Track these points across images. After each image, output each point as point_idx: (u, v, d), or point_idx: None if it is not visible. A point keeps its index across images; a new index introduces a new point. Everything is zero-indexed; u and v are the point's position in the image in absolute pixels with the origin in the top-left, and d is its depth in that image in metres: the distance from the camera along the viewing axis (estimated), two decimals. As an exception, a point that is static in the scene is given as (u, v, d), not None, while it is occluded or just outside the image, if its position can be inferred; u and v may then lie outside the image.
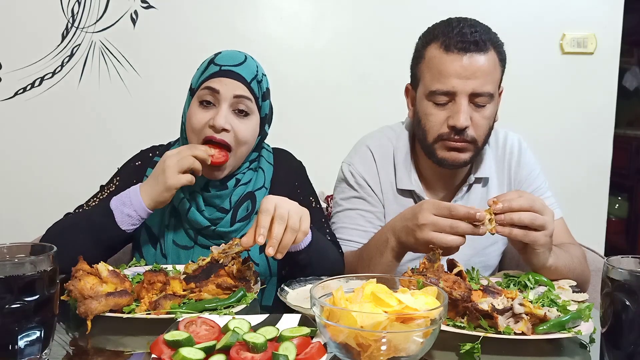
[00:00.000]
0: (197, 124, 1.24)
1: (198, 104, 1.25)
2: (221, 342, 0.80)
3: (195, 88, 1.27)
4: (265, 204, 1.03)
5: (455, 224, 1.09)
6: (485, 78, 1.27)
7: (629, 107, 3.65)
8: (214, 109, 1.23)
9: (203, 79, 1.25)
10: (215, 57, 1.28)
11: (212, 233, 1.28)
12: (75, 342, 0.93)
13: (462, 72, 1.26)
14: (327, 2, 2.50)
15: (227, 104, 1.23)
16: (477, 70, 1.26)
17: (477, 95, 1.27)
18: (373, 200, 1.43)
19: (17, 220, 2.49)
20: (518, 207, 1.09)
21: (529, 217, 1.09)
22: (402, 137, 1.46)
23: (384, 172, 1.44)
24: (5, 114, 2.48)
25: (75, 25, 2.46)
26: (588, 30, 2.50)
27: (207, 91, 1.23)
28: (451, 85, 1.26)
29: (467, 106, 1.27)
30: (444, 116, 1.30)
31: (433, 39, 1.31)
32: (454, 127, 1.28)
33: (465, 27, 1.27)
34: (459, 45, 1.26)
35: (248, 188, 1.32)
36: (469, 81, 1.26)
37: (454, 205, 1.11)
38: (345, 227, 1.43)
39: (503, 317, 0.91)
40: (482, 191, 1.44)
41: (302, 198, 1.37)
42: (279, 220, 1.02)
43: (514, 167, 1.45)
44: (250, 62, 1.28)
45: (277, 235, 1.01)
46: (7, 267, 0.76)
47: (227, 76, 1.24)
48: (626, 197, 3.66)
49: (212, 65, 1.26)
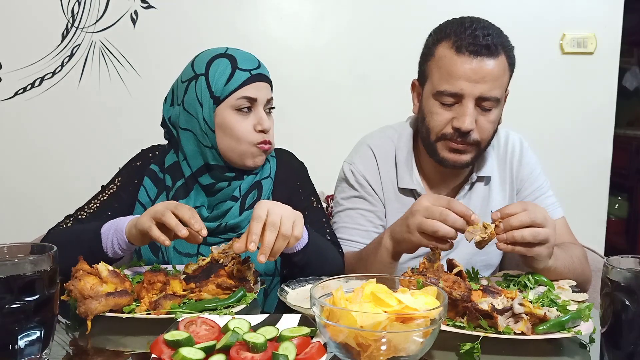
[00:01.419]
0: (243, 131, 1.25)
1: (234, 112, 1.25)
2: (221, 342, 0.80)
3: (222, 96, 1.25)
4: (258, 211, 1.03)
5: (445, 212, 1.08)
6: (494, 83, 1.26)
7: (629, 107, 3.65)
8: (251, 114, 1.26)
9: (234, 87, 1.24)
10: (235, 62, 1.26)
11: (222, 229, 1.28)
12: (75, 342, 0.93)
13: (472, 75, 1.24)
14: (327, 2, 2.50)
15: (262, 107, 1.27)
16: (486, 74, 1.25)
17: (484, 99, 1.26)
18: (374, 200, 1.43)
19: (17, 220, 2.49)
20: (519, 224, 1.07)
21: (530, 233, 1.07)
22: (404, 135, 1.46)
23: (385, 171, 1.44)
24: (5, 114, 2.49)
25: (75, 25, 2.46)
26: (588, 30, 2.50)
27: (244, 100, 1.25)
28: (459, 87, 1.25)
29: (473, 109, 1.26)
30: (449, 117, 1.29)
31: (445, 37, 1.29)
32: (458, 129, 1.27)
33: (478, 30, 1.25)
34: (470, 48, 1.24)
35: (256, 177, 1.34)
36: (477, 85, 1.25)
37: (453, 200, 1.10)
38: (346, 227, 1.43)
39: (503, 317, 0.91)
40: (484, 190, 1.44)
41: (303, 198, 1.37)
42: (271, 227, 1.02)
43: (516, 166, 1.45)
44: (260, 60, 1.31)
45: (269, 242, 1.01)
46: (7, 267, 0.76)
47: (258, 80, 1.27)
48: (626, 197, 3.66)
49: (239, 71, 1.25)
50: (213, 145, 1.27)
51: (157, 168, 1.34)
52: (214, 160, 1.28)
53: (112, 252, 1.13)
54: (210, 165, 1.29)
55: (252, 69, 1.26)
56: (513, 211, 1.08)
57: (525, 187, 1.45)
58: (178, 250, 1.29)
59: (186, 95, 1.28)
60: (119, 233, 1.12)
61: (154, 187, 1.32)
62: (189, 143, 1.29)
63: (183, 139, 1.30)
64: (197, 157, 1.29)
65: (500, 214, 1.09)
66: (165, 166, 1.33)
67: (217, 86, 1.25)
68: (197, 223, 1.07)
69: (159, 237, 1.06)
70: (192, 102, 1.27)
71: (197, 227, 1.06)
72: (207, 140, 1.27)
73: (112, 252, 1.13)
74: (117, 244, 1.13)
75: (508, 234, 1.07)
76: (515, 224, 1.07)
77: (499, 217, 1.09)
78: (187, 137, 1.29)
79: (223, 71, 1.25)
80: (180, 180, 1.31)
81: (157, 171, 1.33)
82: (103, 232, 1.13)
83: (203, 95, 1.26)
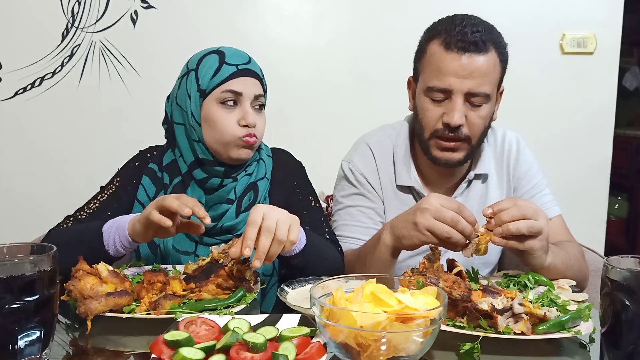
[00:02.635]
0: (227, 124, 1.24)
1: (219, 106, 1.25)
2: (221, 342, 0.80)
3: (208, 90, 1.25)
4: (253, 215, 1.03)
5: (457, 218, 1.08)
6: (483, 79, 1.27)
7: (629, 107, 3.65)
8: (237, 108, 1.26)
9: (219, 80, 1.25)
10: (224, 57, 1.27)
11: (219, 230, 1.28)
12: (75, 342, 0.93)
13: (460, 72, 1.26)
14: (327, 2, 2.50)
15: (249, 102, 1.26)
16: (474, 70, 1.26)
17: (473, 95, 1.28)
18: (373, 197, 1.44)
19: (17, 220, 2.49)
20: (509, 219, 1.08)
21: (525, 224, 1.08)
22: (401, 133, 1.47)
23: (383, 168, 1.44)
24: (5, 114, 2.48)
25: (75, 25, 2.46)
26: (588, 30, 2.50)
27: (228, 93, 1.24)
28: (448, 83, 1.27)
29: (462, 105, 1.28)
30: (439, 112, 1.31)
31: (435, 34, 1.32)
32: (448, 124, 1.29)
33: (468, 27, 1.27)
34: (458, 45, 1.26)
35: (251, 178, 1.33)
36: (465, 81, 1.26)
37: (463, 205, 1.11)
38: (346, 224, 1.43)
39: (503, 317, 0.91)
40: (481, 187, 1.45)
41: (301, 197, 1.38)
42: (266, 232, 1.01)
43: (512, 164, 1.46)
44: (252, 58, 1.31)
45: (264, 247, 1.01)
46: (7, 267, 0.76)
47: (245, 75, 1.26)
48: (626, 197, 3.66)
49: (226, 65, 1.25)
50: (200, 138, 1.27)
51: (155, 167, 1.34)
52: (202, 154, 1.28)
53: (113, 250, 1.13)
54: (200, 160, 1.29)
55: (239, 64, 1.26)
56: (504, 206, 1.10)
57: (521, 185, 1.45)
58: (176, 248, 1.29)
59: (179, 90, 1.30)
60: (120, 230, 1.12)
61: (152, 185, 1.32)
62: (182, 137, 1.31)
63: (177, 133, 1.31)
64: (189, 152, 1.30)
65: (492, 210, 1.11)
66: (163, 165, 1.33)
67: (204, 80, 1.26)
68: (201, 210, 1.06)
69: (160, 220, 1.04)
70: (183, 97, 1.29)
71: (202, 214, 1.06)
72: (195, 134, 1.28)
73: (114, 250, 1.13)
74: (119, 242, 1.12)
75: (503, 227, 1.09)
76: (505, 218, 1.09)
77: (490, 212, 1.11)
78: (180, 131, 1.31)
79: (211, 65, 1.26)
80: (177, 178, 1.31)
81: (156, 170, 1.34)
82: (105, 230, 1.14)
83: (191, 89, 1.27)
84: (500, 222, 1.09)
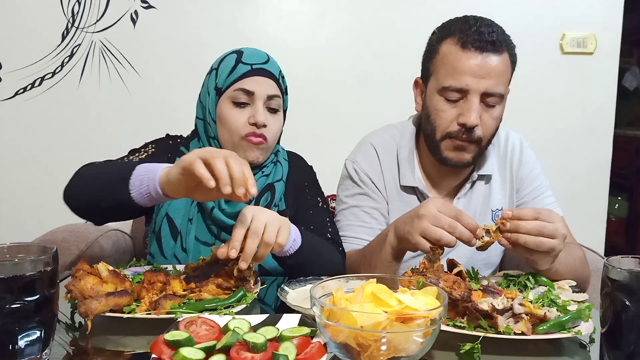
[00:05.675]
0: (236, 123, 1.26)
1: (232, 105, 1.27)
2: (221, 342, 0.80)
3: (224, 88, 1.27)
4: (242, 217, 1.03)
5: (454, 224, 1.08)
6: (498, 79, 1.27)
7: (629, 107, 3.64)
8: (249, 108, 1.27)
9: (233, 79, 1.26)
10: (241, 56, 1.28)
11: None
12: (75, 342, 0.93)
13: (477, 71, 1.26)
14: (327, 2, 2.50)
15: (262, 102, 1.27)
16: (491, 70, 1.26)
17: (488, 95, 1.28)
18: (377, 197, 1.44)
19: (17, 220, 2.49)
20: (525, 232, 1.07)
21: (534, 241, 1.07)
22: (406, 134, 1.47)
23: (387, 169, 1.44)
24: (6, 114, 2.49)
25: (75, 25, 2.46)
26: (588, 30, 2.50)
27: (241, 92, 1.26)
28: (465, 82, 1.27)
29: (478, 105, 1.28)
30: (454, 113, 1.30)
31: (449, 34, 1.31)
32: (464, 125, 1.28)
33: (483, 27, 1.28)
34: (476, 44, 1.26)
35: (269, 180, 1.35)
36: (482, 80, 1.26)
37: (461, 211, 1.10)
38: (350, 225, 1.43)
39: (503, 317, 0.91)
40: (484, 188, 1.45)
41: (309, 197, 1.40)
42: (253, 234, 1.02)
43: (516, 165, 1.46)
44: (272, 59, 1.33)
45: (250, 249, 1.01)
46: (7, 267, 0.76)
47: (259, 74, 1.27)
48: (626, 197, 3.66)
49: (241, 64, 1.27)
50: (215, 136, 1.30)
51: (186, 151, 1.35)
52: None
53: (137, 192, 1.03)
54: None
55: (254, 63, 1.28)
56: (525, 216, 1.08)
57: (524, 186, 1.45)
58: (198, 239, 1.29)
59: (202, 87, 1.35)
60: (151, 173, 1.02)
61: None
62: (202, 133, 1.35)
63: (199, 128, 1.35)
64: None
65: (512, 214, 1.09)
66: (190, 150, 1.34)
67: (221, 78, 1.29)
68: (250, 178, 0.94)
69: (204, 174, 0.91)
70: (204, 94, 1.33)
71: (250, 183, 0.93)
72: (211, 131, 1.31)
73: (137, 193, 1.03)
74: (144, 186, 1.02)
75: (513, 235, 1.08)
76: (522, 230, 1.07)
77: (509, 215, 1.09)
78: (201, 126, 1.34)
79: (228, 64, 1.29)
80: None
81: None
82: (136, 168, 1.05)
83: (210, 86, 1.31)
84: (515, 231, 1.08)
